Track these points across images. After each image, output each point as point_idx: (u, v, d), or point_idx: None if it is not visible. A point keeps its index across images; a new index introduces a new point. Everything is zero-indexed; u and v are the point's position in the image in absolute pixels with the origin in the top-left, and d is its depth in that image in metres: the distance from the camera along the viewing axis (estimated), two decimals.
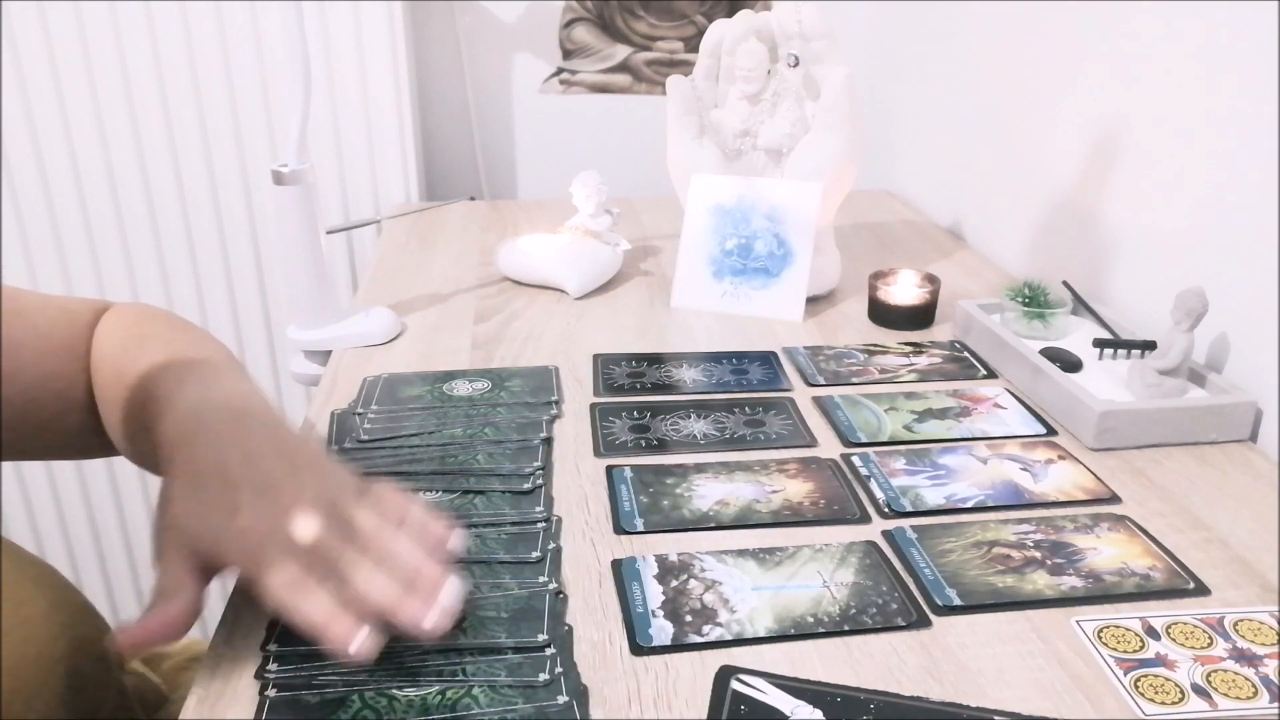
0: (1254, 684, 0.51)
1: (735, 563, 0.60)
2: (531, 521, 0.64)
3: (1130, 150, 0.93)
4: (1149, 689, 0.51)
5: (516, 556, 0.60)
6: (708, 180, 1.00)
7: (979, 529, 0.64)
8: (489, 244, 1.19)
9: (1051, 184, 1.06)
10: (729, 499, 0.67)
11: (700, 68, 1.01)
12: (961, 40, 1.26)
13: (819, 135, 0.96)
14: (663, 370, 0.86)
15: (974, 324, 0.91)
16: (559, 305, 1.01)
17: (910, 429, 0.76)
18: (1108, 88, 0.96)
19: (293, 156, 0.86)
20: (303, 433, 0.63)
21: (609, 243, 1.08)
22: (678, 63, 1.51)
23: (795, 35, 0.95)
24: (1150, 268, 0.90)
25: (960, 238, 1.26)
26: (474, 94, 1.49)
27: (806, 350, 0.90)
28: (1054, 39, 1.05)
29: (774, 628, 0.54)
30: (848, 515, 0.65)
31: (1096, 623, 0.55)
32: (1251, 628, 0.55)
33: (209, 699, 0.50)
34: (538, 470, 0.69)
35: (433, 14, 1.44)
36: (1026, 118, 1.11)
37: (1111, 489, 0.69)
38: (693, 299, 1.00)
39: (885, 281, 0.97)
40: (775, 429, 0.77)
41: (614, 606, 0.56)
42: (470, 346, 0.91)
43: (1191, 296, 0.75)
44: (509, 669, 0.51)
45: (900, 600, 0.57)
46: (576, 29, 1.48)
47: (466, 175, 1.53)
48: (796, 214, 0.97)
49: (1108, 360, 0.84)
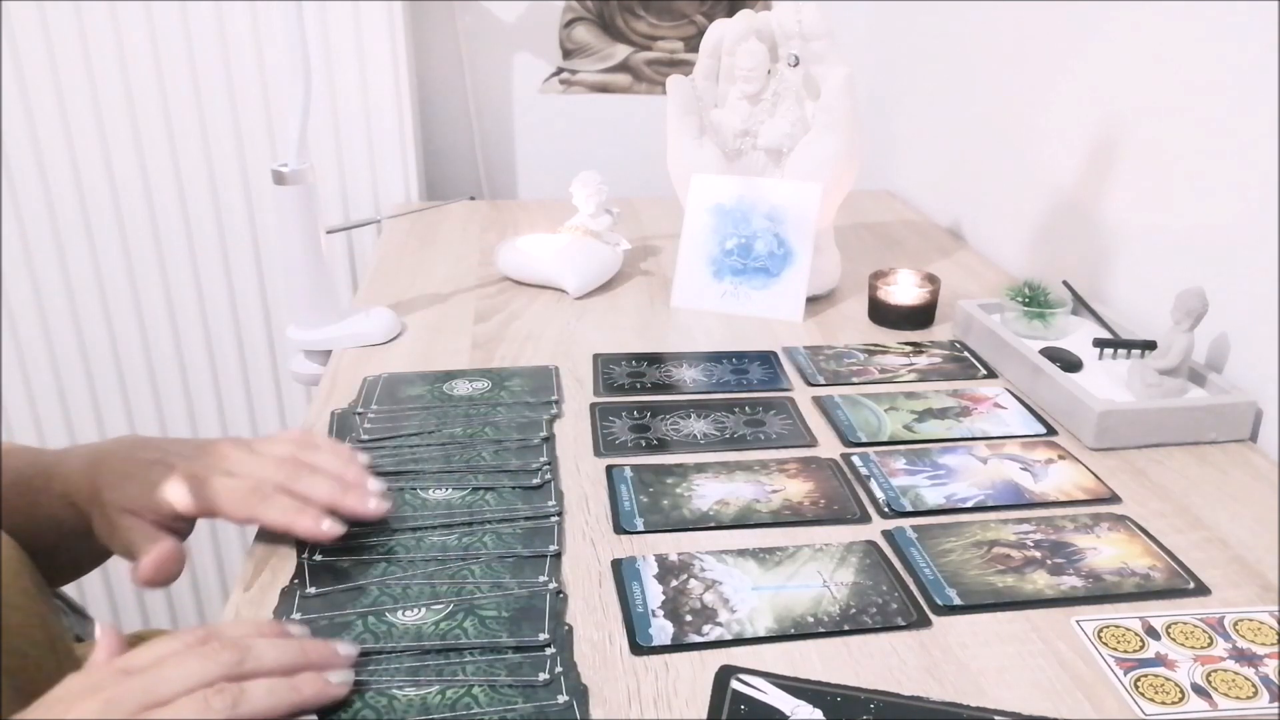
0: (1254, 684, 0.51)
1: (735, 562, 0.60)
2: (545, 516, 0.64)
3: (1130, 150, 0.93)
4: (1149, 689, 0.51)
5: (534, 551, 0.60)
6: (708, 180, 1.00)
7: (979, 529, 0.64)
8: (489, 244, 1.19)
9: (1051, 184, 1.06)
10: (729, 499, 0.67)
11: (700, 68, 1.01)
12: (961, 40, 1.26)
13: (819, 135, 0.96)
14: (663, 370, 0.86)
15: (974, 324, 0.91)
16: (559, 305, 1.01)
17: (910, 429, 0.76)
18: (1107, 88, 0.96)
19: (293, 156, 0.86)
20: None
21: (609, 243, 1.08)
22: (678, 63, 1.51)
23: (795, 35, 0.95)
24: (1150, 268, 0.90)
25: (960, 238, 1.26)
26: (474, 94, 1.49)
27: (806, 350, 0.90)
28: (1054, 39, 1.05)
29: (774, 627, 0.54)
30: (848, 515, 0.65)
31: (1096, 623, 0.55)
32: (1251, 628, 0.55)
33: None
34: (545, 465, 0.69)
35: (433, 14, 1.44)
36: (1026, 118, 1.11)
37: (1111, 489, 0.69)
38: (693, 299, 1.00)
39: (885, 281, 0.97)
40: (775, 429, 0.77)
41: (614, 606, 0.56)
42: (470, 346, 0.91)
43: (1191, 296, 0.75)
44: (509, 668, 0.51)
45: (900, 600, 0.57)
46: (576, 29, 1.48)
47: (466, 175, 1.53)
48: (796, 214, 0.97)
49: (1108, 360, 0.84)
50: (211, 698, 0.43)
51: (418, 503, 0.65)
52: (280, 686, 0.45)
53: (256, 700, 0.44)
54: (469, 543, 0.61)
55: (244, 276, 1.42)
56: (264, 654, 0.46)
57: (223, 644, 0.45)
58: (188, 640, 0.45)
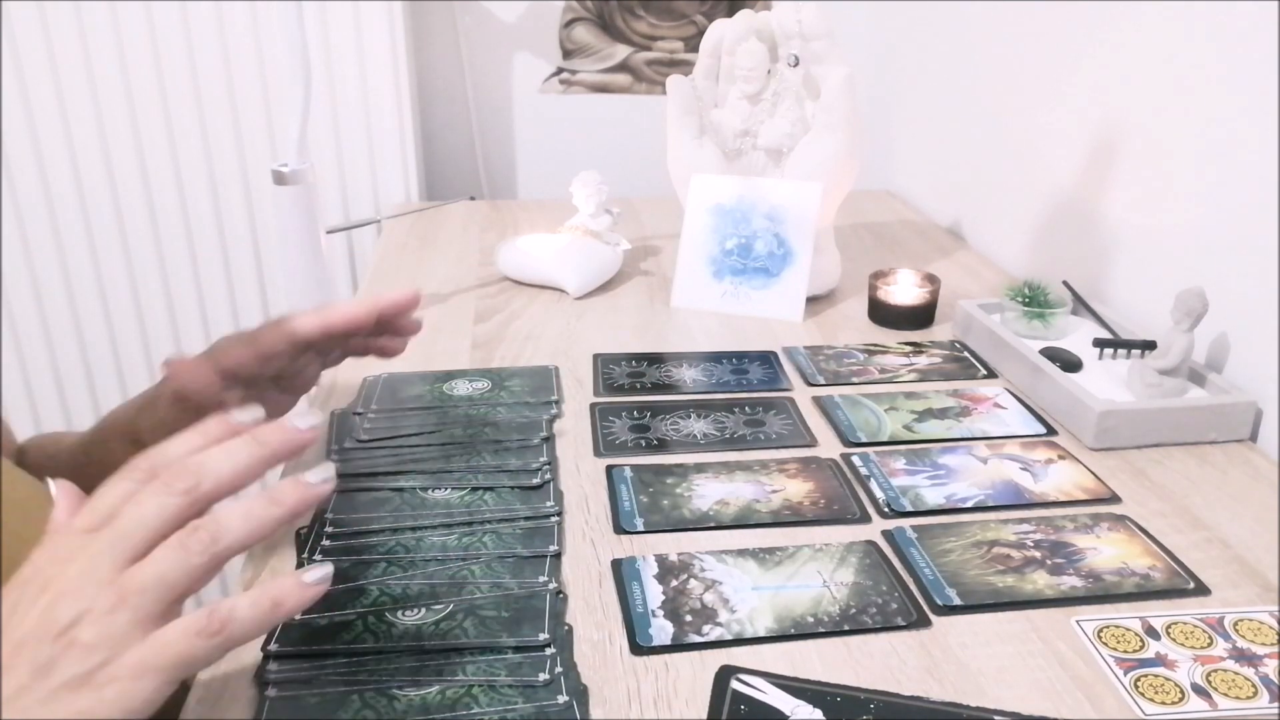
0: (1254, 684, 0.51)
1: (735, 562, 0.60)
2: (544, 516, 0.64)
3: (1130, 150, 0.93)
4: (1149, 689, 0.50)
5: (534, 551, 0.60)
6: (708, 180, 1.00)
7: (979, 529, 0.64)
8: (489, 244, 1.19)
9: (1051, 184, 1.06)
10: (729, 499, 0.67)
11: (700, 67, 1.01)
12: (961, 40, 1.26)
13: (819, 135, 0.96)
14: (663, 370, 0.86)
15: (974, 324, 0.91)
16: (559, 305, 1.01)
17: (910, 429, 0.76)
18: (1107, 88, 0.96)
19: (293, 156, 0.86)
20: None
21: (609, 243, 1.08)
22: (678, 63, 1.51)
23: (795, 35, 0.95)
24: (1150, 268, 0.90)
25: (960, 238, 1.26)
26: (474, 94, 1.49)
27: (806, 350, 0.90)
28: (1054, 39, 1.05)
29: (774, 627, 0.54)
30: (848, 515, 0.65)
31: (1096, 622, 0.55)
32: (1251, 628, 0.55)
33: (209, 699, 0.50)
34: (545, 465, 0.69)
35: (433, 14, 1.44)
36: (1026, 118, 1.11)
37: (1111, 489, 0.69)
38: (693, 299, 1.00)
39: (885, 281, 0.97)
40: (775, 429, 0.77)
41: (614, 606, 0.56)
42: (470, 346, 0.91)
43: (1191, 296, 0.75)
44: (509, 669, 0.51)
45: (900, 600, 0.57)
46: (576, 29, 1.48)
47: (466, 175, 1.53)
48: (796, 214, 0.97)
49: (1108, 360, 0.84)
50: (187, 540, 0.39)
51: (417, 503, 0.65)
52: (257, 508, 0.41)
53: (236, 530, 0.40)
54: (469, 543, 0.61)
55: (244, 276, 1.42)
56: (219, 466, 0.41)
57: (172, 472, 0.41)
58: (136, 477, 0.41)
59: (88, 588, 0.38)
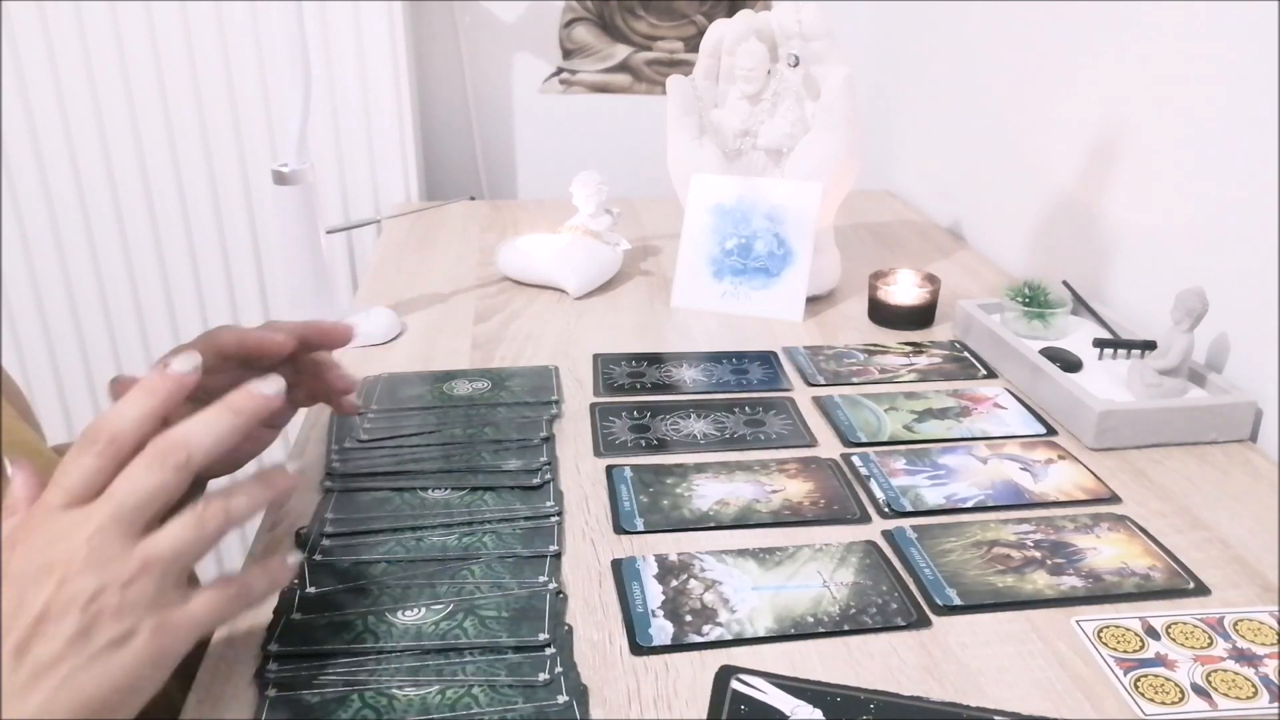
0: (1254, 684, 0.51)
1: (735, 562, 0.60)
2: (544, 516, 0.64)
3: (1130, 150, 0.93)
4: (1149, 689, 0.51)
5: (534, 551, 0.60)
6: (708, 180, 1.00)
7: (979, 529, 0.64)
8: (489, 244, 1.19)
9: (1051, 184, 1.06)
10: (729, 499, 0.67)
11: (700, 67, 1.01)
12: (961, 40, 1.26)
13: (819, 135, 0.96)
14: (663, 370, 0.86)
15: (974, 324, 0.91)
16: (559, 305, 1.01)
17: (910, 429, 0.76)
18: (1108, 88, 0.96)
19: (293, 156, 0.86)
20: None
21: (609, 243, 1.08)
22: (678, 62, 1.51)
23: (795, 35, 0.95)
24: (1150, 268, 0.90)
25: (960, 238, 1.26)
26: (474, 94, 1.49)
27: (806, 350, 0.90)
28: (1054, 39, 1.05)
29: (774, 628, 0.54)
30: (848, 515, 0.65)
31: (1096, 623, 0.55)
32: (1251, 628, 0.55)
33: (209, 699, 0.50)
34: (545, 465, 0.69)
35: (433, 14, 1.44)
36: (1026, 118, 1.11)
37: (1111, 489, 0.69)
38: (693, 299, 1.00)
39: (885, 281, 0.97)
40: (775, 429, 0.77)
41: (614, 606, 0.56)
42: (470, 346, 0.91)
43: (1191, 296, 0.75)
44: (509, 669, 0.51)
45: (900, 600, 0.57)
46: (576, 29, 1.48)
47: (466, 175, 1.53)
48: (796, 214, 0.97)
49: (1108, 360, 0.84)
50: (204, 514, 0.43)
51: (417, 503, 0.65)
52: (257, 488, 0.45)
53: (242, 504, 0.44)
54: (469, 543, 0.61)
55: (244, 276, 1.42)
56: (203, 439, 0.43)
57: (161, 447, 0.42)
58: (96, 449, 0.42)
59: (103, 563, 0.40)
